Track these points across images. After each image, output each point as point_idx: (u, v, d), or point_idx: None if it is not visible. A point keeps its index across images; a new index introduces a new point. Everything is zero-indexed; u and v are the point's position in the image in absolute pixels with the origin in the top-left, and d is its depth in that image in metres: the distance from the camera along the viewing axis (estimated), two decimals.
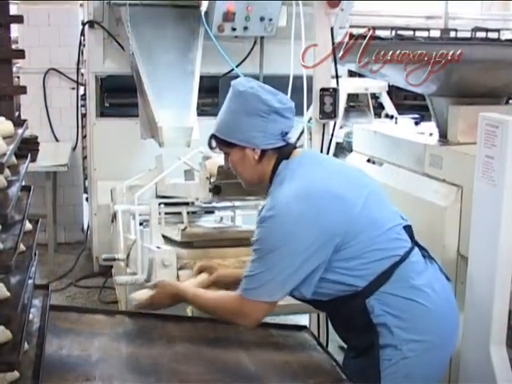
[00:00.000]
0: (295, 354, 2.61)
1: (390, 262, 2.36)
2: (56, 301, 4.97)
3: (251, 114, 2.38)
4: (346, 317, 2.45)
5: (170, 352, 2.52)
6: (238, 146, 2.44)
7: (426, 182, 3.45)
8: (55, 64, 6.65)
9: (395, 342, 2.36)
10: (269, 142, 2.40)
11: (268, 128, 2.38)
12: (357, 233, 2.32)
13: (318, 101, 3.59)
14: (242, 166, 2.49)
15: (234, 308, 2.41)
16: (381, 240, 2.36)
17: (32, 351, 2.13)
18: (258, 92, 2.39)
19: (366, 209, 2.36)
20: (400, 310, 2.36)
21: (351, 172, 2.57)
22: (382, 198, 2.52)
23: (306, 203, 2.28)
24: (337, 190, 2.35)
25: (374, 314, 2.35)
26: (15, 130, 2.35)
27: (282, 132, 2.41)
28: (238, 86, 2.44)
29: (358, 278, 2.34)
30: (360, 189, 2.43)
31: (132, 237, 3.79)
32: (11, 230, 2.08)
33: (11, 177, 2.23)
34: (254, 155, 2.42)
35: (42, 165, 5.73)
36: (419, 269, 2.42)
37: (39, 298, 2.55)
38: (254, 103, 2.38)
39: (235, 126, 2.42)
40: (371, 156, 4.12)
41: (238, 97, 2.42)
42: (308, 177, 2.37)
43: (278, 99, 2.41)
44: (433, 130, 3.78)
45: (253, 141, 2.40)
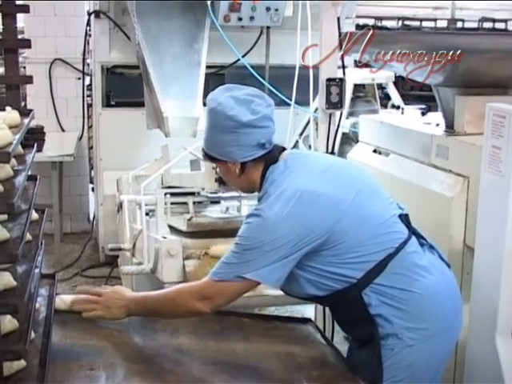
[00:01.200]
0: (299, 347, 2.61)
1: (385, 254, 2.36)
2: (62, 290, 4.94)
3: (222, 130, 2.38)
4: (344, 310, 2.46)
5: (174, 343, 2.53)
6: (220, 160, 2.46)
7: (433, 172, 3.44)
8: (61, 54, 6.65)
9: (395, 331, 2.37)
10: (246, 154, 2.40)
11: (241, 141, 2.37)
12: (347, 229, 2.32)
13: (324, 91, 3.58)
14: (229, 177, 2.53)
15: (194, 291, 2.38)
16: (374, 234, 2.36)
17: (38, 340, 2.15)
18: (225, 109, 2.36)
19: (356, 205, 2.35)
20: (396, 299, 2.37)
21: (341, 169, 2.54)
22: (376, 192, 2.51)
23: (289, 205, 2.29)
24: (324, 191, 2.34)
25: (372, 306, 2.36)
26: (21, 119, 2.35)
27: (258, 143, 2.39)
28: (209, 102, 2.44)
29: (352, 271, 2.35)
30: (349, 185, 2.42)
31: (138, 227, 3.80)
32: (18, 220, 2.09)
33: (17, 166, 2.23)
34: (235, 168, 2.43)
35: (48, 155, 5.75)
36: (415, 258, 2.43)
37: (45, 287, 2.56)
38: (222, 120, 2.37)
39: (212, 141, 2.44)
40: (377, 146, 4.11)
41: (209, 113, 2.44)
42: (295, 179, 2.37)
43: (252, 109, 2.37)
44: (439, 121, 3.77)
45: (230, 155, 2.41)
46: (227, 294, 2.35)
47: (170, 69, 4.71)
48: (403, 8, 7.36)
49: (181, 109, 4.53)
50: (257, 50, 5.69)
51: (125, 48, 5.55)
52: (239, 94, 2.41)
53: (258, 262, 2.28)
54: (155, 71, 4.64)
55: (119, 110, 5.89)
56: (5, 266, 1.90)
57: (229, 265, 2.33)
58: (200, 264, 3.34)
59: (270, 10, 5.22)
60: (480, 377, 2.89)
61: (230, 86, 2.48)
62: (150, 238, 3.60)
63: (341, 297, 2.37)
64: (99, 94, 5.84)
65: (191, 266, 3.32)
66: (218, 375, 2.30)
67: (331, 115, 3.63)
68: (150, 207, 3.84)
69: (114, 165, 5.56)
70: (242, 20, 5.21)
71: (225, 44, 4.87)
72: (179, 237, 3.58)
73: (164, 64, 4.72)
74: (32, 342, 2.07)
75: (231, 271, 2.31)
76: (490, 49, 3.33)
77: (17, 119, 2.31)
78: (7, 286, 1.87)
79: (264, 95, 2.47)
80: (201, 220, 3.85)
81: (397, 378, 2.40)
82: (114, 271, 5.57)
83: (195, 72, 4.78)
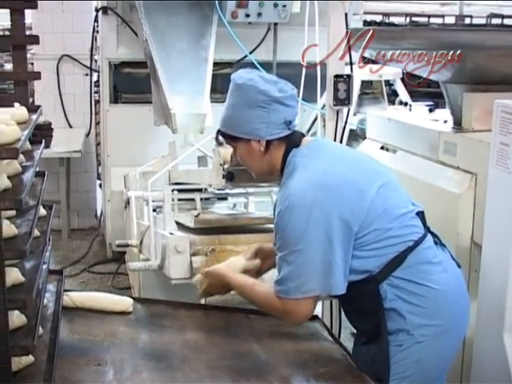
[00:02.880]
0: (306, 344, 2.61)
1: (403, 247, 2.36)
2: (69, 286, 4.99)
3: (252, 105, 2.38)
4: (357, 302, 2.45)
5: (181, 339, 2.53)
6: (243, 140, 2.44)
7: (440, 169, 3.44)
8: (69, 50, 6.66)
9: (407, 327, 2.37)
10: (273, 132, 2.40)
11: (270, 118, 2.38)
12: (371, 221, 2.32)
13: (331, 87, 3.58)
14: (250, 159, 2.49)
15: (279, 308, 2.41)
16: (394, 227, 2.36)
17: (46, 336, 2.16)
18: (257, 83, 2.38)
19: (380, 197, 2.36)
20: (412, 294, 2.36)
21: (365, 161, 2.56)
22: (397, 186, 2.52)
23: (321, 190, 2.28)
24: (351, 178, 2.34)
25: (387, 299, 2.36)
26: (29, 115, 2.36)
27: (285, 121, 2.39)
28: (237, 79, 2.44)
29: (372, 264, 2.34)
30: (374, 177, 2.42)
31: (145, 223, 3.80)
32: (26, 216, 2.09)
33: (25, 162, 2.24)
34: (259, 147, 2.42)
35: (55, 151, 5.76)
36: (431, 255, 2.43)
37: (53, 283, 2.57)
38: (253, 95, 2.37)
39: (238, 119, 2.43)
40: (385, 143, 4.10)
41: (237, 90, 2.42)
42: (321, 164, 2.36)
43: (279, 88, 2.39)
44: (447, 117, 3.76)
45: (256, 132, 2.40)
46: (305, 307, 2.37)
47: (177, 65, 4.71)
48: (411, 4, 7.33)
49: (188, 105, 4.53)
50: (264, 47, 5.68)
51: (132, 44, 5.55)
52: (264, 75, 2.47)
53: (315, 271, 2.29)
54: (162, 67, 4.63)
55: (126, 106, 5.89)
56: (13, 261, 1.91)
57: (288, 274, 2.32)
58: (207, 260, 3.33)
59: (277, 6, 5.21)
60: (487, 374, 2.89)
61: (252, 70, 2.51)
62: (158, 234, 3.61)
63: (357, 288, 2.37)
64: (107, 90, 5.84)
65: (198, 262, 3.32)
66: (225, 371, 2.30)
67: (339, 112, 3.63)
68: (158, 203, 3.85)
69: (122, 161, 5.57)
70: (250, 16, 5.20)
71: (232, 40, 4.87)
72: (186, 233, 3.57)
73: (171, 60, 4.72)
74: (40, 338, 2.08)
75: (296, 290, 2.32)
76: (498, 45, 3.31)
77: (25, 115, 2.31)
78: (15, 281, 1.88)
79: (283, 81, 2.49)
80: (208, 216, 3.85)
81: (405, 373, 2.39)
82: (121, 267, 5.60)
83: (202, 68, 4.78)
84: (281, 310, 2.39)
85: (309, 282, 2.30)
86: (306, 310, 2.38)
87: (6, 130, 1.90)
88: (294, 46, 4.53)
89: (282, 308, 2.38)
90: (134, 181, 4.42)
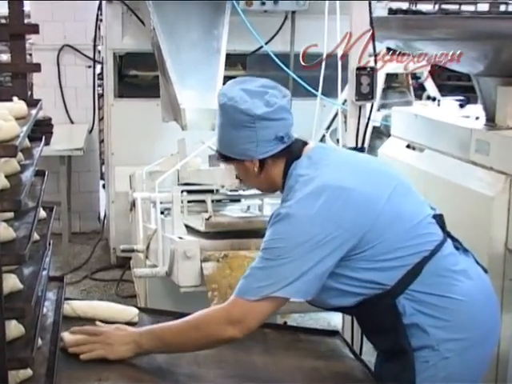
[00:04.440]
0: (325, 361, 2.60)
1: (419, 257, 2.34)
2: (70, 294, 5.01)
3: (237, 126, 2.36)
4: (374, 320, 2.43)
5: (190, 354, 2.53)
6: (236, 160, 2.44)
7: (472, 169, 3.42)
8: (70, 40, 6.69)
9: (432, 343, 2.35)
10: (264, 150, 2.38)
11: (258, 137, 2.35)
12: (382, 230, 2.31)
13: (353, 81, 3.57)
14: (248, 178, 2.50)
15: (221, 316, 2.30)
16: (409, 236, 2.35)
17: (46, 347, 2.16)
18: (237, 103, 2.35)
19: (392, 203, 2.35)
20: (434, 307, 2.35)
21: (373, 165, 2.54)
22: (409, 190, 2.50)
23: (319, 202, 2.27)
24: (356, 186, 2.33)
25: (406, 315, 2.34)
26: (28, 110, 2.36)
27: (276, 136, 2.38)
28: (220, 97, 2.42)
29: (386, 276, 2.33)
30: (384, 183, 2.41)
31: (152, 226, 3.81)
32: (25, 218, 2.10)
33: (24, 161, 2.25)
34: (253, 167, 2.42)
35: (55, 149, 5.78)
36: (452, 262, 2.41)
37: (53, 290, 2.58)
38: (235, 115, 2.35)
39: (227, 140, 2.42)
40: (411, 141, 4.09)
41: (221, 110, 2.42)
42: (323, 174, 2.35)
43: (266, 101, 2.35)
44: (479, 114, 3.75)
45: (247, 153, 2.39)
46: (258, 315, 2.28)
47: (187, 56, 4.71)
48: None
49: (199, 100, 4.53)
50: (281, 37, 5.69)
51: (139, 34, 5.56)
52: (251, 86, 2.40)
53: (288, 274, 2.24)
54: (171, 59, 4.64)
55: (132, 100, 5.91)
56: (11, 267, 1.92)
57: (255, 280, 2.27)
58: (219, 267, 3.34)
59: None
60: None
61: (241, 79, 2.48)
62: (166, 238, 3.61)
63: (372, 305, 2.35)
64: (111, 83, 5.86)
65: (209, 268, 3.32)
66: None
67: (361, 107, 3.62)
68: (166, 205, 3.85)
69: (127, 160, 5.58)
70: (265, 4, 5.21)
71: (246, 30, 4.87)
72: (197, 237, 3.58)
73: (181, 51, 4.72)
74: (39, 350, 2.08)
75: (259, 289, 2.25)
76: None
77: (24, 110, 2.32)
78: (13, 289, 1.89)
79: (278, 85, 2.45)
80: (220, 219, 3.85)
81: None
82: (126, 274, 5.62)
83: (214, 60, 4.78)
84: (225, 318, 2.29)
85: (273, 286, 2.25)
86: (256, 318, 2.29)
87: (3, 126, 1.91)
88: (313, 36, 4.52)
89: (226, 315, 2.29)
90: (141, 181, 4.43)
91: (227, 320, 2.28)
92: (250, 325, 2.29)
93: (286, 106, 2.40)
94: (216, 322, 2.30)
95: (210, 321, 2.32)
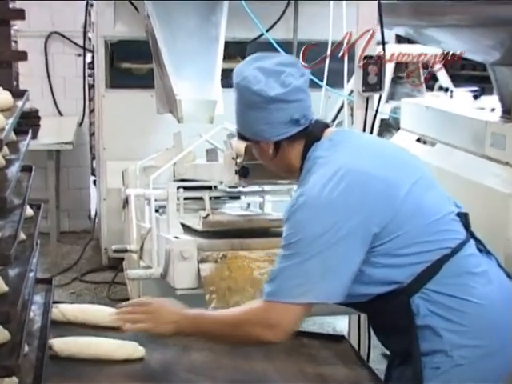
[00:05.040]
0: (330, 367, 2.60)
1: (439, 254, 2.34)
2: (59, 297, 5.00)
3: (251, 107, 2.39)
4: (386, 319, 2.43)
5: (186, 360, 2.53)
6: (252, 140, 2.47)
7: (487, 165, 3.42)
8: (58, 27, 6.69)
9: (445, 348, 2.34)
10: (279, 132, 2.39)
11: (273, 118, 2.37)
12: (402, 221, 2.31)
13: (360, 71, 3.57)
14: (264, 159, 2.53)
15: (260, 318, 2.32)
16: (429, 231, 2.34)
17: (32, 354, 2.15)
18: (250, 83, 2.36)
19: (414, 194, 2.34)
20: (450, 310, 2.34)
21: (396, 153, 2.55)
22: (433, 184, 2.50)
23: (340, 187, 2.26)
24: (378, 173, 2.33)
25: (420, 315, 2.34)
26: (14, 101, 2.36)
27: (291, 119, 2.39)
28: (234, 75, 2.44)
29: (402, 273, 2.32)
30: (407, 172, 2.41)
31: (146, 225, 3.81)
32: (10, 216, 2.10)
33: (10, 155, 2.24)
34: (268, 148, 2.43)
35: (43, 142, 5.78)
36: (473, 264, 2.40)
37: (41, 293, 2.57)
38: (248, 96, 2.38)
39: (242, 120, 2.46)
40: (422, 135, 4.09)
41: (235, 89, 2.44)
42: (343, 158, 2.35)
43: (282, 81, 2.36)
44: (495, 105, 3.75)
45: (262, 134, 2.41)
46: (294, 317, 2.30)
47: (183, 45, 4.71)
48: None
49: (196, 91, 4.53)
50: (283, 24, 5.68)
51: (132, 21, 5.55)
52: (268, 63, 2.41)
53: (316, 269, 2.25)
54: (167, 48, 4.64)
55: (125, 91, 5.90)
56: None
57: (284, 281, 2.28)
58: (217, 268, 3.34)
59: None
60: None
61: (259, 56, 2.47)
62: (161, 238, 3.61)
63: (385, 303, 2.35)
64: (102, 72, 5.85)
65: (207, 270, 3.32)
66: None
67: (368, 99, 3.61)
68: (161, 203, 3.85)
69: (119, 154, 5.58)
70: None
71: (247, 16, 4.86)
72: (193, 237, 3.58)
73: (177, 39, 4.72)
74: (25, 357, 2.08)
75: (289, 290, 2.26)
76: None
77: (9, 101, 2.31)
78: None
79: (298, 63, 2.48)
80: (218, 218, 3.85)
81: None
82: (119, 276, 5.61)
83: (212, 48, 4.78)
84: (261, 321, 2.31)
85: (305, 285, 2.28)
86: (292, 321, 2.31)
87: None
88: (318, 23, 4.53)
89: (262, 319, 2.31)
90: (134, 177, 4.42)
91: (265, 323, 2.30)
92: (287, 328, 2.31)
93: (303, 86, 2.40)
94: (255, 324, 2.32)
95: (248, 322, 2.34)
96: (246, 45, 5.73)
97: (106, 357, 2.48)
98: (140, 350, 2.50)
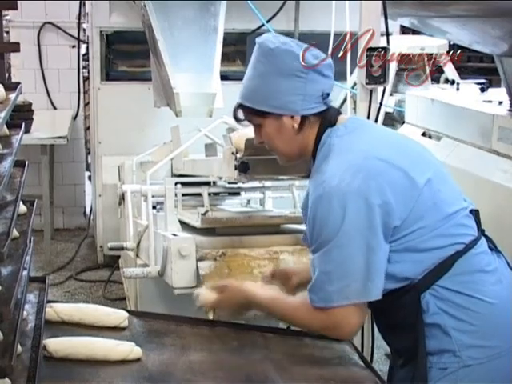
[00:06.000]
0: (332, 369, 2.59)
1: (452, 250, 2.34)
2: (53, 296, 5.02)
3: (287, 74, 2.36)
4: (394, 315, 2.43)
5: (184, 360, 2.53)
6: (273, 115, 2.41)
7: (494, 159, 3.42)
8: (52, 17, 6.68)
9: (453, 348, 2.34)
10: (309, 106, 2.39)
11: (307, 90, 2.37)
12: (418, 214, 2.30)
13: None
14: (280, 138, 2.46)
15: (322, 322, 2.36)
16: (444, 225, 2.34)
17: (26, 355, 2.15)
18: (293, 48, 2.38)
19: (430, 187, 2.34)
20: (460, 308, 2.34)
21: (411, 145, 2.55)
22: (448, 179, 2.50)
23: (361, 176, 2.26)
24: (397, 163, 2.33)
25: (429, 313, 2.33)
26: (6, 94, 2.36)
27: (322, 93, 2.39)
28: (268, 42, 2.42)
29: (413, 269, 2.32)
30: (423, 165, 2.41)
31: (143, 222, 3.81)
32: (2, 213, 2.10)
33: (2, 150, 2.24)
34: (293, 123, 2.40)
35: (37, 137, 5.78)
36: (484, 262, 2.40)
37: (34, 292, 2.57)
38: (289, 61, 2.36)
39: (268, 90, 2.40)
40: (427, 129, 4.09)
41: (268, 56, 2.40)
42: (361, 145, 2.35)
43: (314, 55, 2.39)
44: (503, 98, 3.75)
45: (291, 106, 2.39)
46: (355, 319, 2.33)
47: (181, 36, 4.71)
48: None
49: (194, 83, 4.53)
50: (284, 14, 5.68)
51: (127, 11, 5.56)
52: (294, 40, 2.44)
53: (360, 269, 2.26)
54: (164, 39, 4.63)
55: (121, 84, 5.91)
56: None
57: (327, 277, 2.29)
58: (216, 266, 3.34)
59: None
60: None
61: (277, 35, 2.49)
62: (158, 235, 3.61)
63: (394, 298, 2.35)
64: (97, 65, 5.85)
65: (206, 268, 3.32)
66: None
67: (372, 91, 3.61)
68: (158, 199, 3.85)
69: (115, 149, 5.59)
70: None
71: (246, 7, 4.86)
72: (192, 234, 3.58)
73: (174, 30, 4.72)
74: (18, 357, 2.08)
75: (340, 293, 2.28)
76: None
77: (1, 94, 2.32)
78: None
79: None
80: (217, 215, 3.85)
81: None
82: (115, 274, 5.62)
83: (211, 40, 4.77)
84: (326, 323, 2.35)
85: (352, 285, 2.28)
86: (354, 320, 2.33)
87: None
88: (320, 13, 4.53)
89: (326, 321, 2.34)
90: (130, 172, 4.43)
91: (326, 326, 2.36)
92: (350, 329, 2.36)
93: (333, 65, 2.43)
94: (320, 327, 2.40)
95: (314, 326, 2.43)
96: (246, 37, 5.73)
97: (101, 357, 2.47)
98: (137, 350, 2.50)
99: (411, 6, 3.63)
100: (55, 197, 6.76)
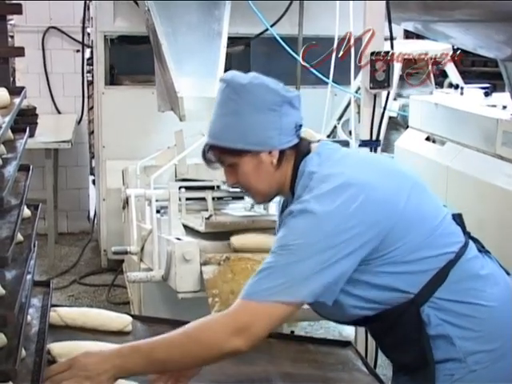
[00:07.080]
0: (335, 374, 2.59)
1: (444, 260, 2.34)
2: (57, 300, 5.01)
3: (262, 109, 2.32)
4: (395, 333, 2.42)
5: None
6: (250, 153, 2.36)
7: (498, 164, 3.42)
8: (56, 22, 6.69)
9: (459, 355, 2.34)
10: (286, 139, 2.36)
11: (283, 123, 2.33)
12: (405, 230, 2.30)
13: (368, 67, 3.57)
14: (258, 176, 2.40)
15: (225, 322, 2.21)
16: (432, 236, 2.34)
17: (30, 359, 2.15)
18: (265, 81, 2.35)
19: (412, 202, 2.34)
20: (461, 317, 2.34)
21: (388, 163, 2.56)
22: (426, 189, 2.50)
23: (342, 198, 2.26)
24: (378, 183, 2.33)
25: (431, 325, 2.33)
26: (11, 99, 2.36)
27: (295, 125, 2.37)
28: (238, 78, 2.39)
29: (409, 283, 2.32)
30: (401, 180, 2.41)
31: (147, 226, 3.81)
32: (7, 217, 2.09)
33: (7, 154, 2.24)
34: (271, 159, 2.36)
35: (41, 141, 5.78)
36: (478, 266, 2.41)
37: (38, 296, 2.57)
38: (263, 95, 2.33)
39: (244, 127, 2.35)
40: (431, 133, 4.09)
41: (240, 92, 2.35)
42: (336, 170, 2.34)
43: (284, 88, 2.37)
44: (507, 102, 3.74)
45: (269, 142, 2.34)
46: (267, 320, 2.20)
47: (185, 40, 4.71)
48: None
49: (198, 88, 4.53)
50: (288, 19, 5.67)
51: (132, 15, 5.57)
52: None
53: (301, 274, 2.20)
54: (168, 43, 4.64)
55: (125, 88, 5.91)
56: None
57: (265, 281, 2.21)
58: (220, 271, 3.34)
59: None
60: None
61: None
62: (162, 239, 3.61)
63: (395, 316, 2.34)
64: (102, 69, 5.86)
65: (210, 272, 3.32)
66: None
67: (376, 96, 3.62)
68: (162, 203, 3.85)
69: (119, 153, 5.59)
70: None
71: (250, 11, 4.86)
72: (196, 238, 3.58)
73: (178, 34, 4.72)
74: (22, 362, 2.08)
75: (268, 290, 2.19)
76: None
77: (6, 99, 2.31)
78: None
79: None
80: (221, 219, 3.85)
81: None
82: (118, 278, 5.62)
83: (215, 44, 4.78)
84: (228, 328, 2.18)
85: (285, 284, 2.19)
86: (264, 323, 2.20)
87: None
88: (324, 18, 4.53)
89: (228, 323, 2.20)
90: (134, 176, 4.43)
91: (231, 328, 2.18)
92: (257, 332, 2.19)
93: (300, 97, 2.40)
94: (217, 330, 2.20)
95: (209, 330, 2.22)
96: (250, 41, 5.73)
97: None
98: None
99: (415, 9, 3.63)
100: (59, 201, 6.76)
